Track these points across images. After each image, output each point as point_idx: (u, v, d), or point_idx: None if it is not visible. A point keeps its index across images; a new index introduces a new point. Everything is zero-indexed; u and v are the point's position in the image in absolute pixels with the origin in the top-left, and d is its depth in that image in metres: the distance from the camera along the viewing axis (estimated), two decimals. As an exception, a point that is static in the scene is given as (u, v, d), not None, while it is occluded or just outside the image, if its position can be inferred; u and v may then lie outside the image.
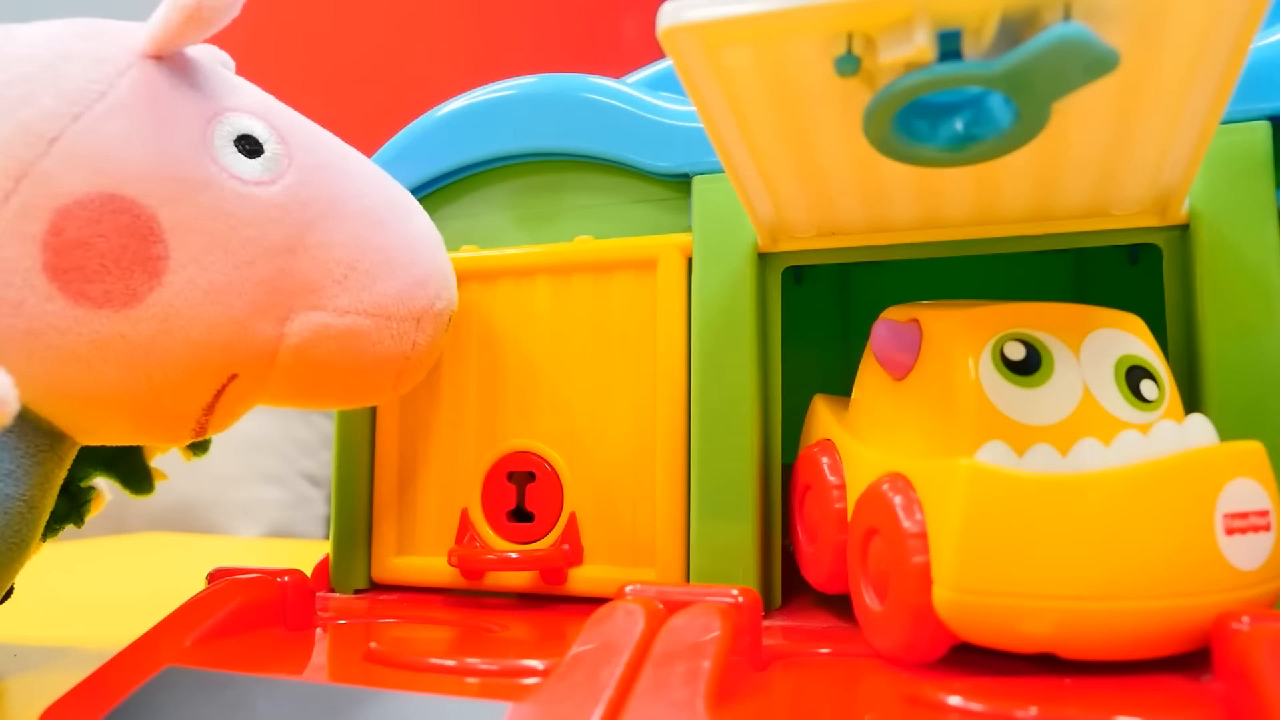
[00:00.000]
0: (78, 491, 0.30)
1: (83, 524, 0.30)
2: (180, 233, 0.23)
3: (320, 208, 0.25)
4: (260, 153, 0.24)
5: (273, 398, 0.26)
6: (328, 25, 1.09)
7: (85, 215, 0.22)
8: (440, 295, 0.26)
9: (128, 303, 0.22)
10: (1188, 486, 0.18)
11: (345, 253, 0.25)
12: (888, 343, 0.22)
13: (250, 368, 0.24)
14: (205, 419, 0.25)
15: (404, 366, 0.26)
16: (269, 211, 0.24)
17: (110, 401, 0.23)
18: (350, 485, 0.31)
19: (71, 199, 0.22)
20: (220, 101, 0.24)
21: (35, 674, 0.28)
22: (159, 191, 0.22)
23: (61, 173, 0.22)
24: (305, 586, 0.26)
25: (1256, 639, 0.17)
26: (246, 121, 0.24)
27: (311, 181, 0.25)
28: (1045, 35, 0.16)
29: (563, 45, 1.12)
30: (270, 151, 0.24)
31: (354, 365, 0.25)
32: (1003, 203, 0.24)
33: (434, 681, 0.20)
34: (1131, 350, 0.21)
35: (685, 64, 0.18)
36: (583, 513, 0.29)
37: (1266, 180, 0.23)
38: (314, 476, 0.97)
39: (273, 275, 0.24)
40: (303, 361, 0.25)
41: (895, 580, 0.20)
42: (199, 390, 0.24)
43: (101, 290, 0.22)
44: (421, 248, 0.26)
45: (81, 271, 0.22)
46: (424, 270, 0.26)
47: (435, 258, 0.27)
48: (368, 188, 0.26)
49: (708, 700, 0.17)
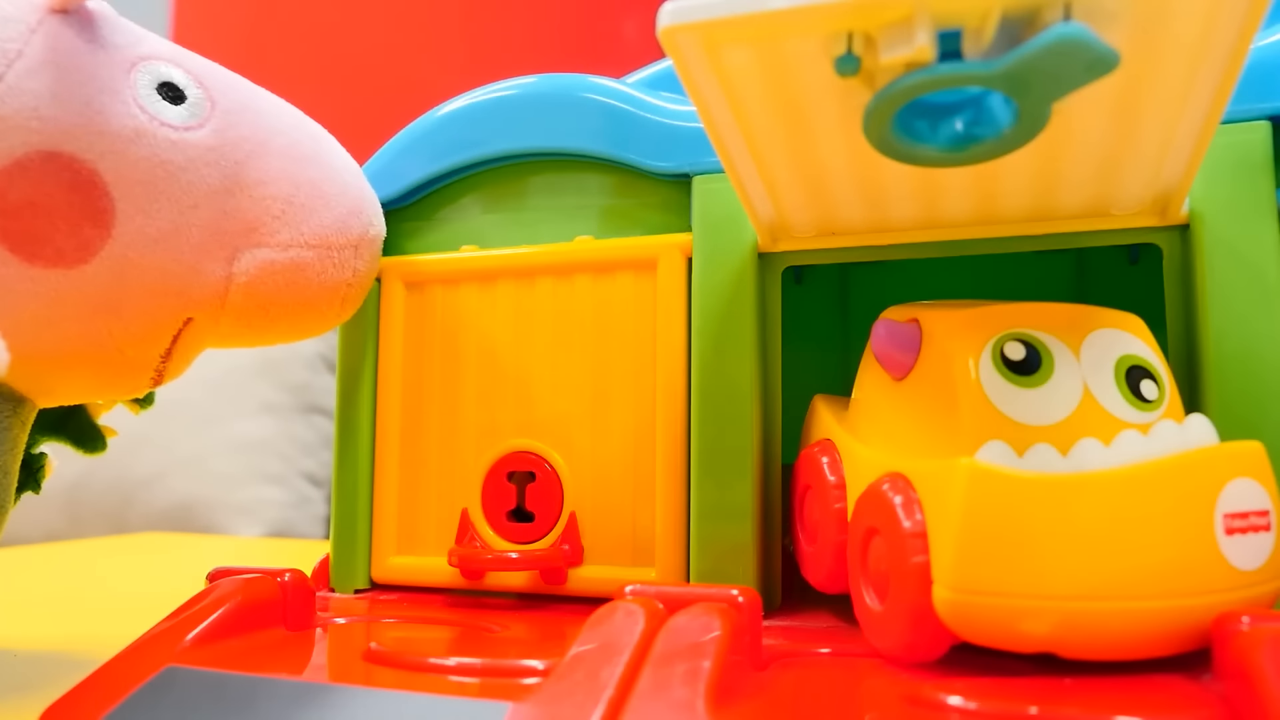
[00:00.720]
0: (30, 459, 0.30)
1: (40, 490, 0.30)
2: (123, 184, 0.23)
3: (250, 148, 0.25)
4: (183, 99, 0.25)
5: (225, 338, 0.27)
6: (327, 25, 1.09)
7: (26, 177, 0.22)
8: (373, 222, 0.28)
9: (81, 258, 0.22)
10: (1188, 486, 0.18)
11: (279, 188, 0.25)
12: (888, 343, 0.22)
13: (204, 309, 0.25)
14: (163, 366, 0.26)
15: (347, 294, 0.27)
16: (203, 155, 0.24)
17: (72, 358, 0.24)
18: (350, 485, 0.31)
19: (11, 160, 0.22)
20: (134, 50, 0.25)
21: (35, 674, 0.28)
22: (95, 145, 0.23)
23: None
24: (305, 586, 0.26)
25: (1257, 639, 0.17)
26: (164, 69, 0.25)
27: (237, 123, 0.25)
28: (1045, 35, 0.16)
29: (563, 45, 1.12)
30: (192, 97, 0.25)
31: (301, 297, 0.26)
32: (1003, 203, 0.24)
33: (434, 681, 0.20)
34: (1132, 350, 0.21)
35: (685, 63, 0.18)
36: (583, 513, 0.29)
37: (1267, 180, 0.23)
38: (314, 476, 0.97)
39: (215, 217, 0.24)
40: (252, 298, 0.26)
41: (895, 580, 0.20)
42: (158, 337, 0.25)
43: (54, 249, 0.22)
44: (350, 177, 0.27)
45: (31, 232, 0.22)
46: (354, 199, 0.27)
47: (362, 187, 0.28)
48: (288, 125, 0.27)
49: (708, 700, 0.17)
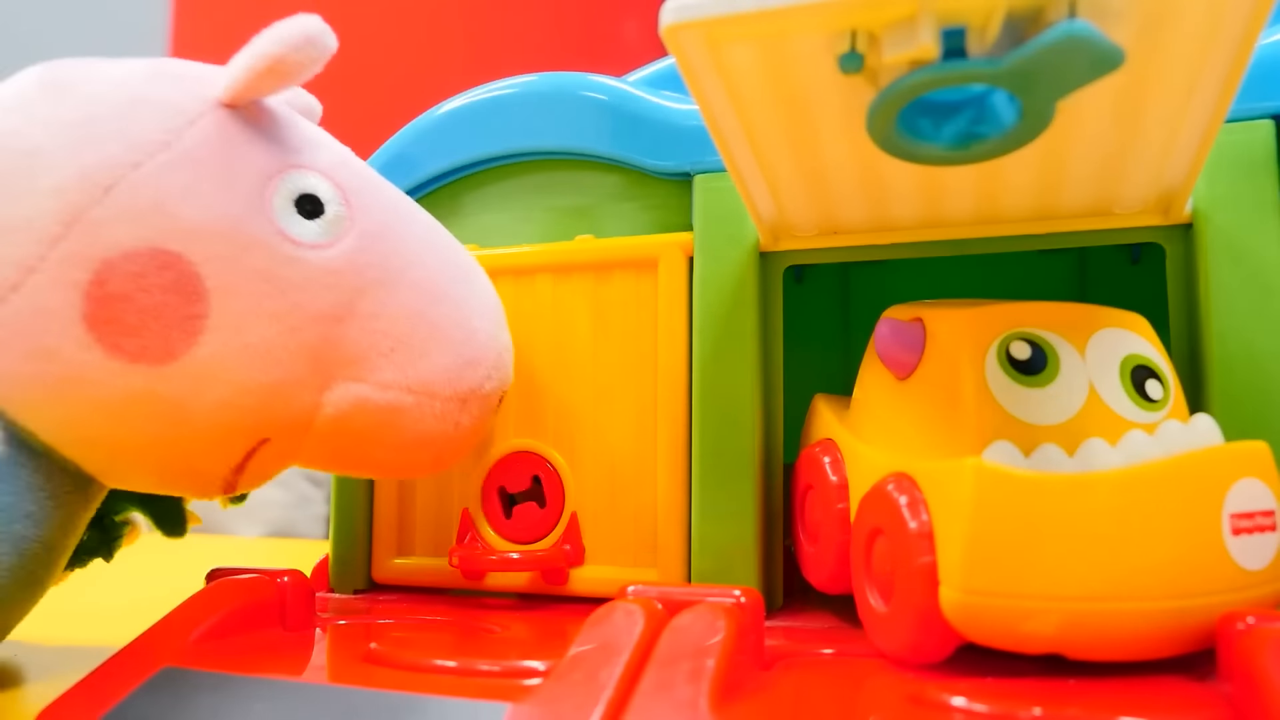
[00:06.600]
0: (110, 525, 0.29)
1: (111, 558, 0.30)
2: (223, 293, 0.22)
3: (376, 275, 0.24)
4: (321, 213, 0.23)
5: (306, 463, 0.25)
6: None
7: (131, 268, 0.21)
8: (491, 376, 0.25)
9: (162, 359, 0.22)
10: (1194, 487, 0.18)
11: (396, 325, 0.24)
12: (891, 342, 0.22)
13: (283, 433, 0.24)
14: (234, 478, 0.24)
15: (444, 447, 0.25)
16: (321, 277, 0.23)
17: (138, 453, 0.23)
18: (350, 485, 0.31)
19: (119, 251, 0.21)
20: (288, 158, 0.24)
21: (33, 674, 0.28)
22: (207, 249, 0.22)
23: (113, 223, 0.21)
24: (305, 586, 0.26)
25: (1262, 639, 0.17)
26: (311, 180, 0.24)
27: (371, 248, 0.24)
28: (1050, 33, 0.16)
29: (563, 44, 1.12)
30: (331, 213, 0.23)
31: (392, 441, 0.24)
32: (1005, 202, 0.24)
33: (434, 682, 0.20)
34: (1137, 350, 0.21)
35: (688, 62, 0.18)
36: (584, 513, 0.28)
37: (1270, 179, 0.23)
38: (314, 476, 0.97)
39: (317, 343, 0.23)
40: (339, 432, 0.24)
41: (901, 581, 0.20)
42: (229, 450, 0.23)
43: (138, 344, 0.21)
44: (479, 322, 0.25)
45: (121, 324, 0.21)
46: (477, 349, 0.25)
47: (492, 333, 0.26)
48: (430, 256, 0.25)
49: (711, 699, 0.17)
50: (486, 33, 1.13)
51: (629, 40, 1.06)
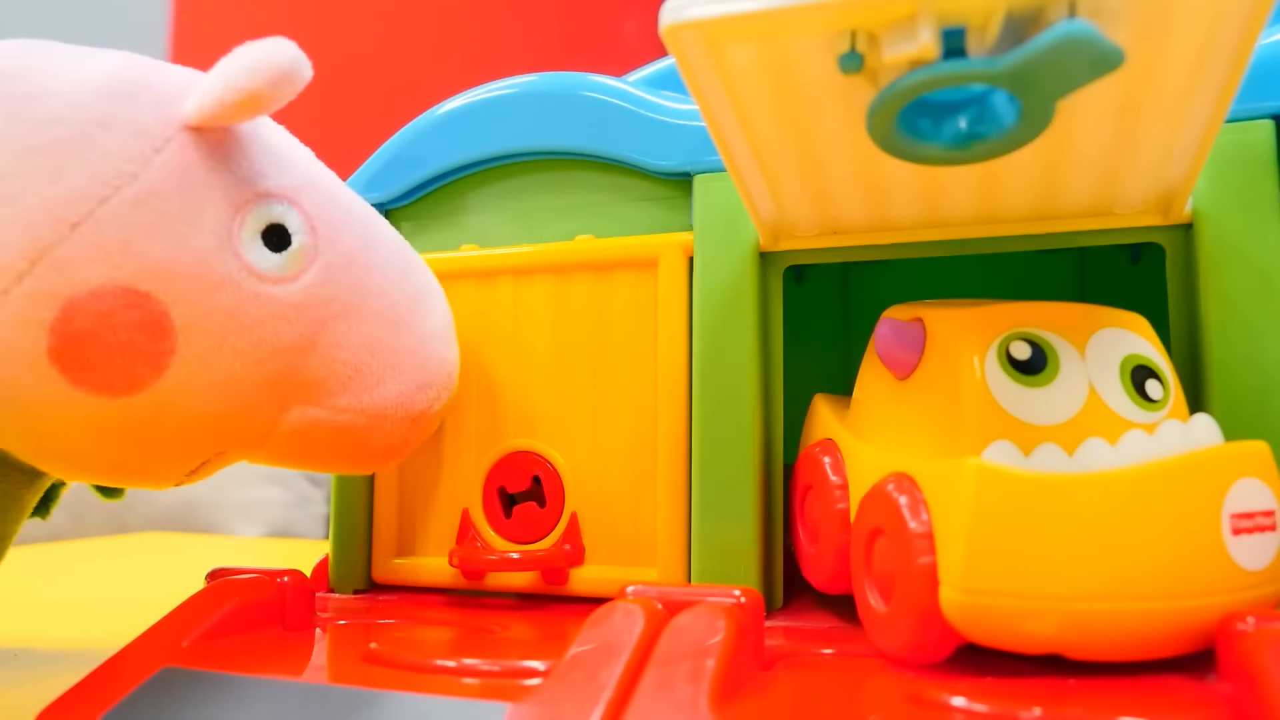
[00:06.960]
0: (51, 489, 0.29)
1: (49, 516, 0.30)
2: (190, 331, 0.22)
3: (339, 308, 0.24)
4: (288, 245, 0.23)
5: (256, 463, 0.26)
6: (327, 25, 1.09)
7: (98, 307, 0.21)
8: (440, 397, 0.26)
9: (126, 390, 0.22)
10: (1195, 487, 0.18)
11: (355, 355, 0.24)
12: (891, 342, 0.22)
13: (239, 447, 0.24)
14: (188, 479, 0.25)
15: (390, 456, 0.26)
16: (285, 312, 0.23)
17: (95, 464, 0.23)
18: (350, 485, 0.31)
19: (86, 290, 0.21)
20: (256, 184, 0.23)
21: (34, 674, 0.28)
22: (175, 289, 0.22)
23: (79, 261, 0.21)
24: (304, 586, 0.26)
25: (1262, 640, 0.17)
26: (279, 210, 0.24)
27: (336, 280, 0.24)
28: (1050, 33, 0.16)
29: (563, 44, 1.12)
30: (297, 244, 0.24)
31: (342, 455, 0.25)
32: (1005, 202, 0.24)
33: (434, 682, 0.20)
34: (1136, 350, 0.21)
35: (688, 61, 0.18)
36: (584, 513, 0.28)
37: (1270, 179, 0.23)
38: (314, 477, 0.97)
39: (278, 373, 0.23)
40: (292, 446, 0.25)
41: (901, 581, 0.20)
42: (185, 462, 0.24)
43: (102, 378, 0.21)
44: (433, 346, 0.26)
45: (86, 360, 0.21)
46: (430, 374, 0.26)
47: (444, 356, 0.26)
48: (389, 285, 0.25)
49: (711, 699, 0.17)
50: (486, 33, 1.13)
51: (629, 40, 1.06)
